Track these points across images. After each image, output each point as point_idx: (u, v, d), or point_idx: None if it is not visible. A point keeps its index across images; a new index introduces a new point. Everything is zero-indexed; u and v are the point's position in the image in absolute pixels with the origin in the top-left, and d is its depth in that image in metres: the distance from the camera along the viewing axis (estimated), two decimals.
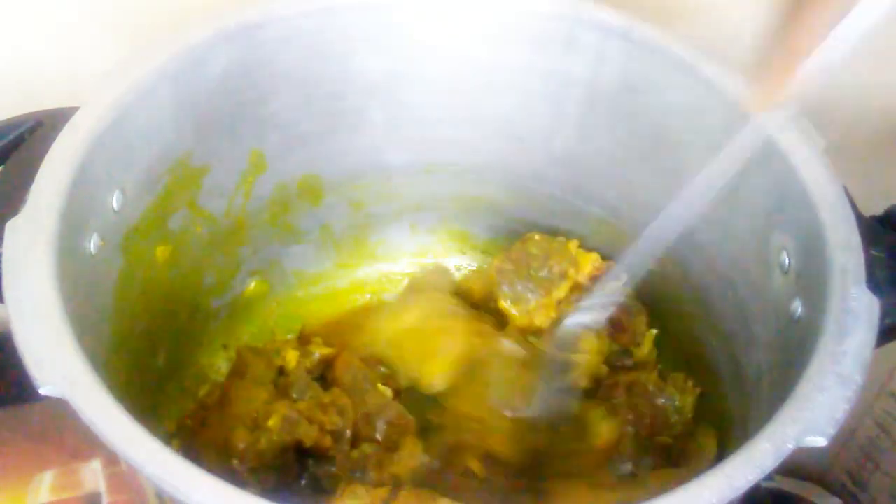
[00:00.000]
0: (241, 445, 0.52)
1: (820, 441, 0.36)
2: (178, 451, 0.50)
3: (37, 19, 0.61)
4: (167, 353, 0.57)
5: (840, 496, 0.74)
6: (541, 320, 0.59)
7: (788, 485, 0.73)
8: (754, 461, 0.35)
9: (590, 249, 0.60)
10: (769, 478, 0.37)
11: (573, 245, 0.60)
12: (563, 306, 0.59)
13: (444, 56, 0.56)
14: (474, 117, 0.58)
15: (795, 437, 0.36)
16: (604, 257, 0.60)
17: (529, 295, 0.60)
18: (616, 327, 0.60)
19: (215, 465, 0.52)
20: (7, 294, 0.39)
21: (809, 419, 0.37)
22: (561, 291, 0.59)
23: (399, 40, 0.55)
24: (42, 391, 0.36)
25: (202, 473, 0.33)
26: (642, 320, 0.60)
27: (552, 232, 0.63)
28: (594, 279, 0.59)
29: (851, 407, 0.37)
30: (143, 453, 0.34)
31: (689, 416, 0.57)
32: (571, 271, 0.59)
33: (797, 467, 0.74)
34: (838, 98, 0.60)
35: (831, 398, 0.37)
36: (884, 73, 0.60)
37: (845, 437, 0.72)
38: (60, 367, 0.36)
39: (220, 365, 0.62)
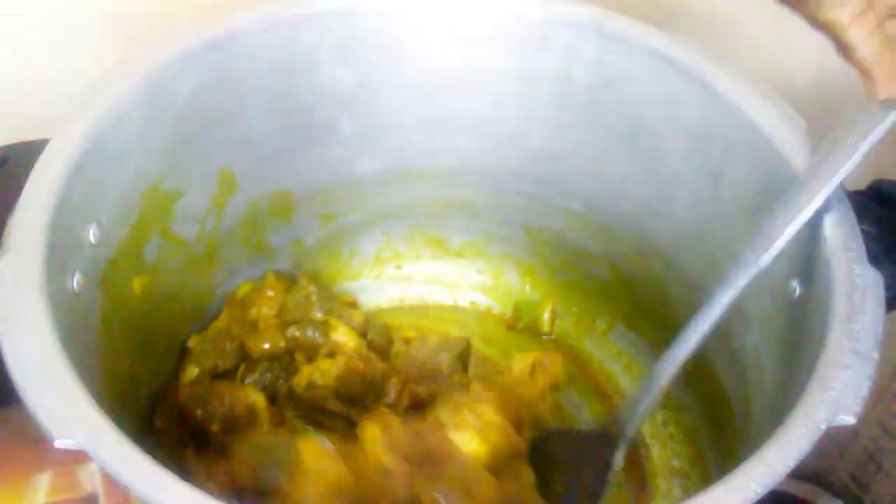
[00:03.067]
0: None
1: (849, 420, 0.37)
2: None
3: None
4: (148, 388, 0.55)
5: (842, 498, 0.74)
6: None
7: (791, 487, 0.73)
8: (791, 446, 0.36)
9: (571, 244, 0.60)
10: None
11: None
12: None
13: (413, 61, 0.55)
14: (446, 121, 0.57)
15: (826, 418, 0.37)
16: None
17: None
18: None
19: None
20: (5, 346, 0.36)
21: (836, 399, 0.37)
22: None
23: (366, 48, 0.54)
24: (58, 444, 0.34)
25: None
26: None
27: (528, 229, 0.63)
28: None
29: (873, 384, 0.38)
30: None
31: None
32: None
33: (800, 469, 0.73)
34: (816, 78, 0.62)
35: (854, 376, 0.38)
36: None
37: (848, 439, 0.72)
38: (78, 422, 0.35)
39: None
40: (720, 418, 0.55)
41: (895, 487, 0.71)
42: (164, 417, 0.55)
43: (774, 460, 0.35)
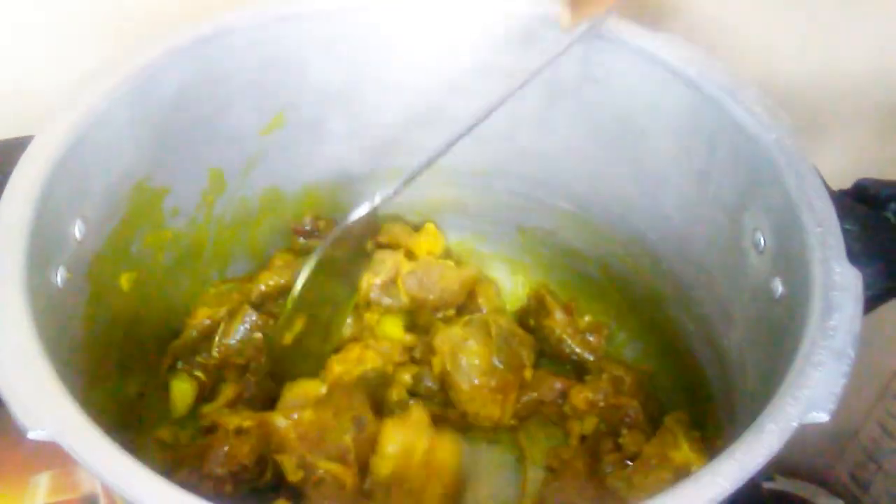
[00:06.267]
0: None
1: (822, 417, 0.37)
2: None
3: None
4: (138, 382, 0.55)
5: (842, 497, 0.74)
6: None
7: (791, 486, 0.72)
8: (762, 443, 0.36)
9: (562, 243, 0.60)
10: (770, 478, 0.37)
11: None
12: None
13: (401, 60, 0.55)
14: (435, 119, 0.57)
15: (798, 416, 0.36)
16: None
17: None
18: None
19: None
20: None
21: (809, 396, 0.37)
22: None
23: (355, 47, 0.54)
24: (30, 436, 0.35)
25: None
26: None
27: (519, 228, 0.63)
28: None
29: (847, 382, 0.38)
30: (147, 493, 0.33)
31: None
32: None
33: (799, 468, 0.74)
34: (802, 78, 0.61)
35: (828, 374, 0.38)
36: (843, 53, 0.61)
37: (848, 438, 0.72)
38: (50, 414, 0.35)
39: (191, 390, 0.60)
40: (707, 419, 0.55)
41: (895, 487, 0.71)
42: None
43: (744, 457, 0.35)
